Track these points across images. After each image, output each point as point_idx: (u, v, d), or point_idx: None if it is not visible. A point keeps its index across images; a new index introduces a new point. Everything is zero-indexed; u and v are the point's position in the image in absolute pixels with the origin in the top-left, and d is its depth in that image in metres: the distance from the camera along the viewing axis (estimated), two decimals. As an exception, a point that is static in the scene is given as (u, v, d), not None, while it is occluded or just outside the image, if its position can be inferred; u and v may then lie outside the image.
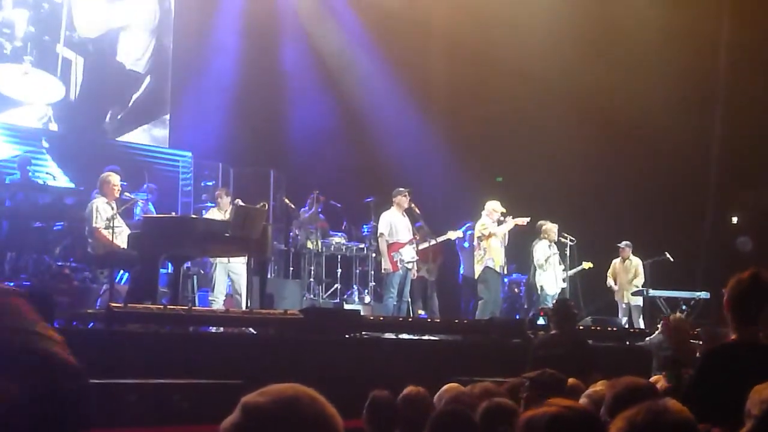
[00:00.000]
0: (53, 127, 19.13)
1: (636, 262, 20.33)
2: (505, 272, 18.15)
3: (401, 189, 17.46)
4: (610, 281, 20.59)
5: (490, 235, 17.63)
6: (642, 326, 18.85)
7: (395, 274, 17.11)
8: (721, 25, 22.55)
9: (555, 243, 19.00)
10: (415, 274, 17.75)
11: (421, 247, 17.80)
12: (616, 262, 20.53)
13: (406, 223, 17.44)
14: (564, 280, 19.08)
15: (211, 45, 21.13)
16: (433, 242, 18.38)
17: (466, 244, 18.68)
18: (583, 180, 22.39)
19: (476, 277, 17.78)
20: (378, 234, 17.38)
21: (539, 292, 18.81)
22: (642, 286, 19.91)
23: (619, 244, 20.46)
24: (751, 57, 21.52)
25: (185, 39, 21.14)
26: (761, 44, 21.21)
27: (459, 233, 18.83)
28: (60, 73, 19.35)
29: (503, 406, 5.41)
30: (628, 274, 20.27)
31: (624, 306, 20.25)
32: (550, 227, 18.95)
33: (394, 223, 17.25)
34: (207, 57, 21.07)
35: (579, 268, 19.49)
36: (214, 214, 15.96)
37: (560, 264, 19.00)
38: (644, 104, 22.06)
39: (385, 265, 17.12)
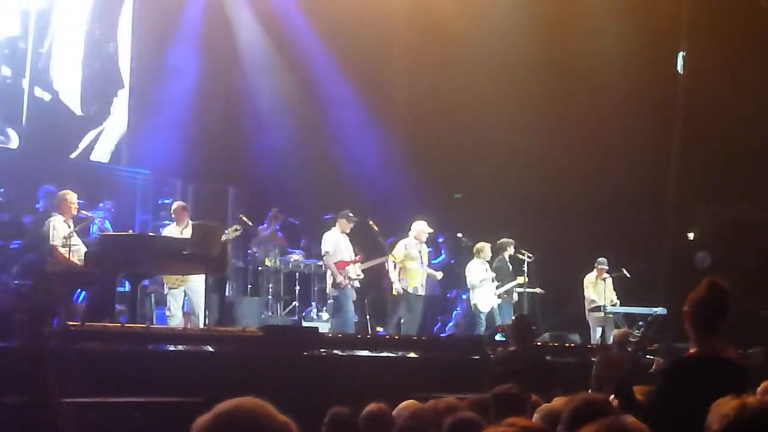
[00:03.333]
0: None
1: (609, 281, 20.14)
2: (420, 293, 17.95)
3: (349, 213, 17.51)
4: (592, 295, 20.09)
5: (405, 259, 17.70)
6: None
7: (348, 290, 17.16)
8: (678, 45, 22.73)
9: (488, 261, 19.05)
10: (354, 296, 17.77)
11: (365, 265, 17.77)
12: (591, 277, 20.24)
13: (347, 243, 17.51)
14: (499, 297, 19.11)
15: (170, 62, 21.03)
16: (376, 262, 18.27)
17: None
18: (541, 196, 22.45)
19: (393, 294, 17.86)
20: (323, 253, 17.41)
21: (473, 310, 18.86)
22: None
23: (600, 264, 20.09)
24: (708, 76, 21.67)
25: (143, 56, 21.04)
26: (718, 63, 21.37)
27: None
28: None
29: (468, 420, 5.41)
30: (606, 292, 20.02)
31: (596, 320, 20.01)
32: (482, 246, 19.01)
33: (337, 243, 17.33)
34: (165, 74, 20.95)
35: (514, 283, 19.40)
36: (172, 230, 15.88)
37: (493, 281, 19.01)
38: (602, 121, 22.19)
39: (338, 278, 17.11)
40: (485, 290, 18.81)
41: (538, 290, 19.94)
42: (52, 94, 19.61)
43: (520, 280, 19.43)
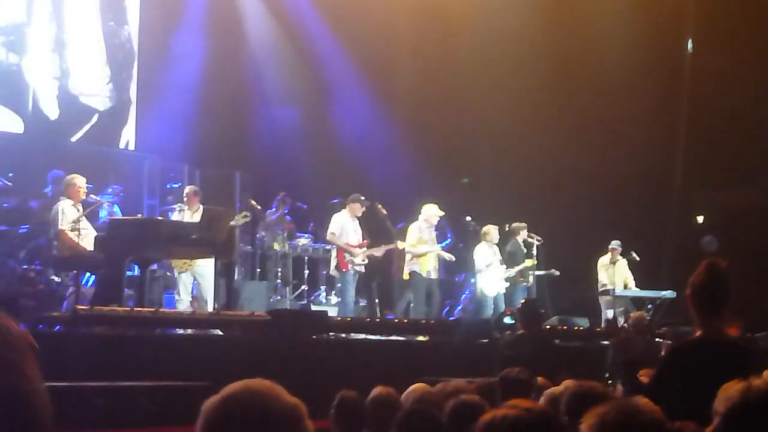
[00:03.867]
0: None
1: (624, 263, 20.09)
2: (434, 276, 17.90)
3: (361, 197, 17.43)
4: (603, 278, 20.14)
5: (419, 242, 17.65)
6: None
7: (348, 273, 17.13)
8: (684, 31, 22.72)
9: (497, 245, 19.05)
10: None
11: (371, 252, 17.69)
12: (604, 260, 20.21)
13: (356, 227, 17.47)
14: (509, 280, 19.09)
15: (177, 47, 20.99)
16: (383, 249, 18.13)
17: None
18: (549, 180, 22.43)
19: (404, 278, 17.83)
20: (328, 234, 17.40)
21: (479, 294, 18.83)
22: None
23: (613, 246, 20.07)
24: (715, 59, 21.64)
25: (151, 41, 21.02)
26: (724, 49, 21.36)
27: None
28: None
29: (471, 403, 5.41)
30: (618, 275, 19.97)
31: (606, 303, 19.95)
32: (489, 229, 18.97)
33: (344, 226, 17.29)
34: (172, 59, 20.91)
35: (522, 266, 19.34)
36: (184, 214, 15.88)
37: (501, 264, 19.00)
38: (610, 105, 22.14)
39: (348, 255, 17.07)
40: (492, 274, 18.77)
41: (554, 272, 19.88)
42: (58, 80, 19.62)
43: (529, 262, 19.39)
